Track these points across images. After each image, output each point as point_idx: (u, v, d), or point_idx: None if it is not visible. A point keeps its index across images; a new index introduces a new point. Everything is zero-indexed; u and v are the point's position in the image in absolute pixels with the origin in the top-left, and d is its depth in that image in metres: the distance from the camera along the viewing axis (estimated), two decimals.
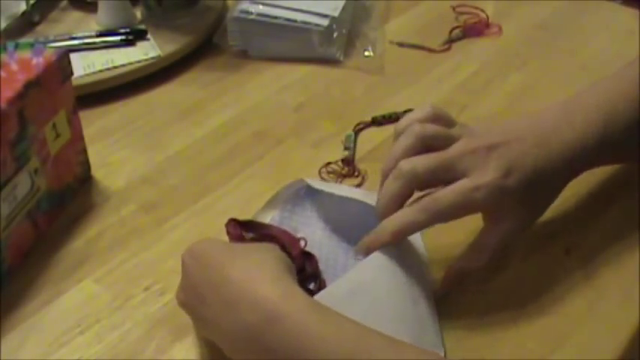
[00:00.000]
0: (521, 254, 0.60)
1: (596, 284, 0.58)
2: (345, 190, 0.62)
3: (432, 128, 0.54)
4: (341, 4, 0.87)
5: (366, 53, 0.87)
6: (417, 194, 0.54)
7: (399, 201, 0.53)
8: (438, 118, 0.55)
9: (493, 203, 0.52)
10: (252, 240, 0.58)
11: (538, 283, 0.58)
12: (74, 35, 0.85)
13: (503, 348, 0.53)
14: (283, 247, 0.54)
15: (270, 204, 0.62)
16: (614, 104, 0.58)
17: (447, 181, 0.53)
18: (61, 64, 0.62)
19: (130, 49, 0.84)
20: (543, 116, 0.57)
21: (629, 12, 0.94)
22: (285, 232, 0.58)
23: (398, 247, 0.53)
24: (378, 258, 0.51)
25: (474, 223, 0.55)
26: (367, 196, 0.59)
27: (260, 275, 0.47)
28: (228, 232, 0.58)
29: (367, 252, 0.52)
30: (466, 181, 0.52)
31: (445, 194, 0.52)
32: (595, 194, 0.66)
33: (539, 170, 0.53)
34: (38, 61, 0.60)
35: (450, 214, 0.52)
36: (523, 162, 0.53)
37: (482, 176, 0.52)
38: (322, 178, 0.68)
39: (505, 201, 0.52)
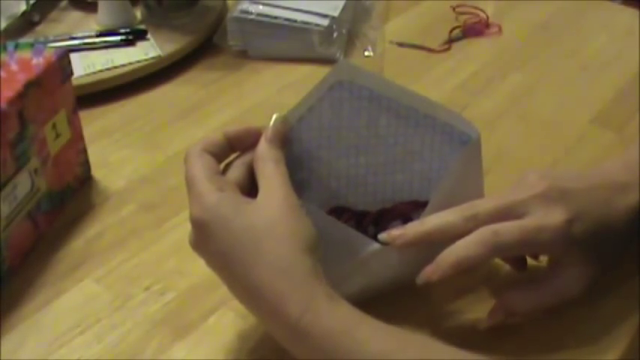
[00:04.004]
0: None
1: (596, 284, 0.58)
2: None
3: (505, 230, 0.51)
4: (341, 4, 0.87)
5: (366, 53, 0.87)
6: None
7: (451, 231, 0.51)
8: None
9: (559, 248, 0.52)
10: None
11: None
12: (74, 35, 0.85)
13: (503, 348, 0.53)
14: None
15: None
16: None
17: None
18: (61, 64, 0.62)
19: (130, 49, 0.84)
20: (611, 172, 0.57)
21: (629, 12, 0.94)
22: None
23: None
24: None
25: None
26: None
27: (284, 286, 0.45)
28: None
29: (428, 282, 0.51)
30: (530, 219, 0.51)
31: (508, 229, 0.51)
32: None
33: (604, 225, 0.53)
34: (38, 61, 0.60)
35: (512, 250, 0.53)
36: (590, 212, 0.52)
37: (547, 218, 0.51)
38: None
39: (571, 248, 0.52)
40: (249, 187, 0.50)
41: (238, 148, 0.52)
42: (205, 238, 0.48)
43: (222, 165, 0.51)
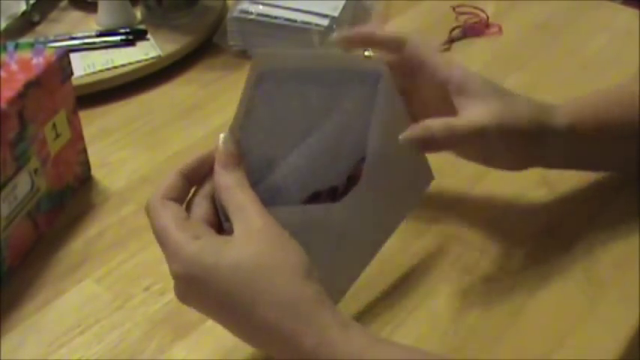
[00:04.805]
0: (521, 254, 0.60)
1: (596, 284, 0.58)
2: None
3: None
4: (341, 4, 0.87)
5: (366, 53, 0.87)
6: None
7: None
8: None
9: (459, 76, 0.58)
10: None
11: (538, 283, 0.58)
12: (74, 35, 0.85)
13: (503, 348, 0.53)
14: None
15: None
16: (608, 108, 0.61)
17: None
18: (61, 64, 0.62)
19: (130, 49, 0.84)
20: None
21: (629, 12, 0.94)
22: None
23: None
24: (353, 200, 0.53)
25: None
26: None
27: (293, 322, 0.43)
28: None
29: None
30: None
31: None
32: (595, 193, 0.66)
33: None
34: (38, 61, 0.60)
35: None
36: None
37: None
38: None
39: (472, 77, 0.58)
40: (218, 220, 0.48)
41: (195, 181, 0.49)
42: (195, 291, 0.45)
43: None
